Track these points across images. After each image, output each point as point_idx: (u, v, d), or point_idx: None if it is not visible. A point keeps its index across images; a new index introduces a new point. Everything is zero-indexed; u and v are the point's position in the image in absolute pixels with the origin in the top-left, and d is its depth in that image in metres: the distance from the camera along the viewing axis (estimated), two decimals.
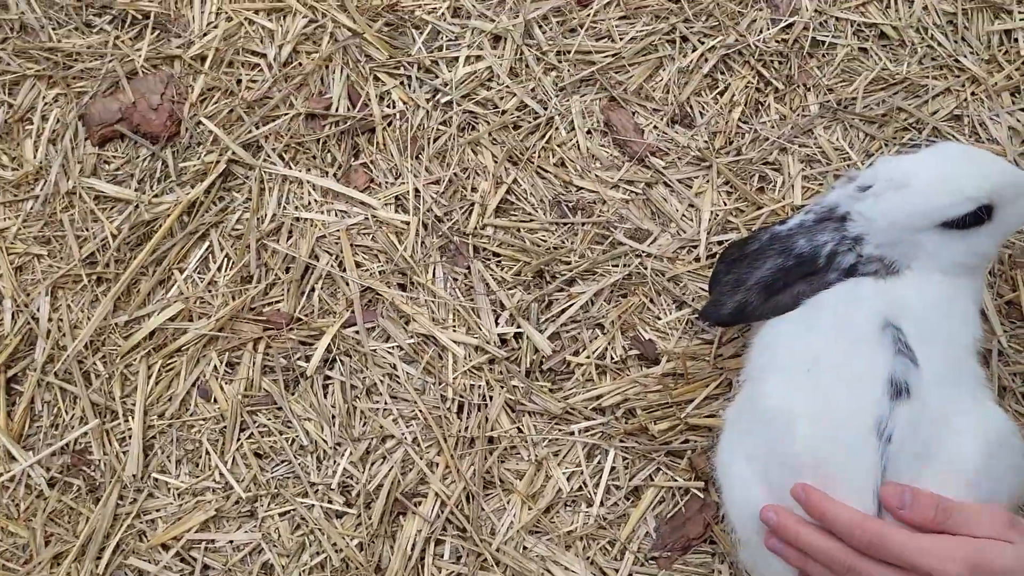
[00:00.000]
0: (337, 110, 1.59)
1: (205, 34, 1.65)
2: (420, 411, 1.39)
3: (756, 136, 1.56)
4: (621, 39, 1.63)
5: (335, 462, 1.37)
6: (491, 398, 1.39)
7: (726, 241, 1.48)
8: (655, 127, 1.58)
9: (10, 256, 1.51)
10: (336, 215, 1.53)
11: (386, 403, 1.40)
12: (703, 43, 1.62)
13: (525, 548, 1.32)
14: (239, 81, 1.63)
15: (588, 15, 1.65)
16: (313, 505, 1.36)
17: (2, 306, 1.48)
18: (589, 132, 1.58)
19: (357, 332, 1.44)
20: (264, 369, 1.44)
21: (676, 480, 1.33)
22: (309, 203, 1.54)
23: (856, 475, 0.99)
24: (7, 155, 1.59)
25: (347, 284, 1.47)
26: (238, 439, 1.39)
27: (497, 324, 1.44)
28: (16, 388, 1.44)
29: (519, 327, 1.43)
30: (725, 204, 1.51)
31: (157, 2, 1.68)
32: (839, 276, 1.10)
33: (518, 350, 1.43)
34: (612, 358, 1.42)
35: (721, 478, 1.15)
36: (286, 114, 1.59)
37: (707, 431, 1.34)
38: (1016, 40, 1.58)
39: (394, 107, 1.61)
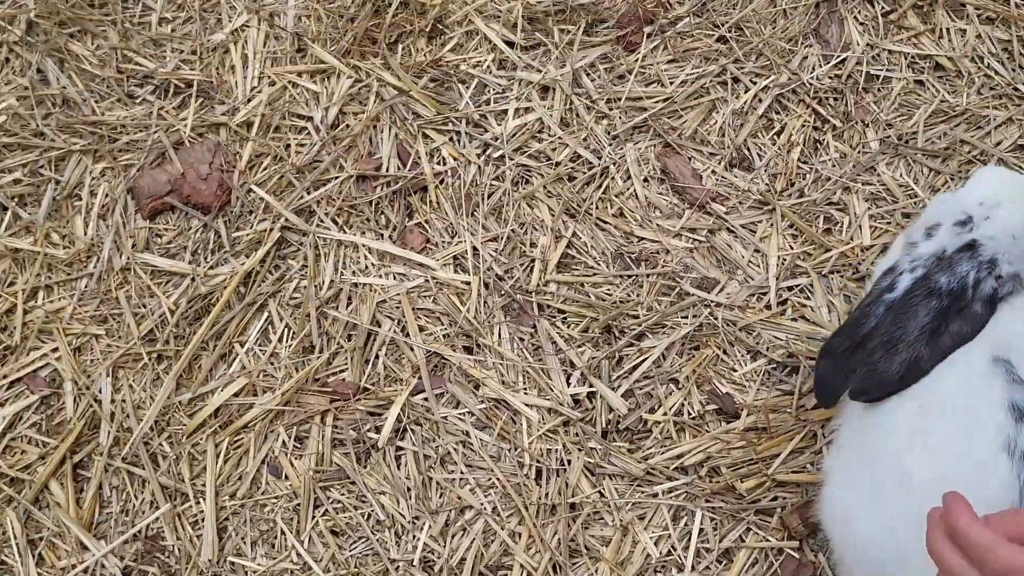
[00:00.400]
0: (388, 170, 1.57)
1: (249, 99, 1.64)
2: (497, 479, 1.36)
3: (818, 176, 1.53)
4: (671, 83, 1.61)
5: (414, 536, 1.34)
6: (569, 462, 1.36)
7: (796, 286, 1.45)
8: (713, 171, 1.55)
9: (68, 337, 1.49)
10: (395, 278, 1.51)
11: (462, 472, 1.37)
12: (755, 83, 1.60)
13: None
14: (287, 146, 1.61)
15: (636, 60, 1.63)
16: None
17: (64, 389, 1.45)
18: (646, 180, 1.56)
19: (426, 399, 1.41)
20: (334, 442, 1.41)
21: (768, 540, 1.29)
22: (366, 267, 1.52)
23: (989, 492, 0.97)
24: (58, 233, 1.57)
25: (412, 349, 1.45)
26: (313, 517, 1.36)
27: (569, 384, 1.41)
28: (83, 474, 1.41)
29: (591, 386, 1.40)
30: (792, 248, 1.48)
31: (199, 70, 1.67)
32: (984, 306, 1.08)
33: (592, 410, 1.40)
34: (690, 414, 1.39)
35: (834, 518, 1.12)
36: (336, 177, 1.57)
37: (795, 487, 1.31)
38: None
39: (445, 164, 1.58)
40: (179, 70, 1.67)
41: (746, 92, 1.59)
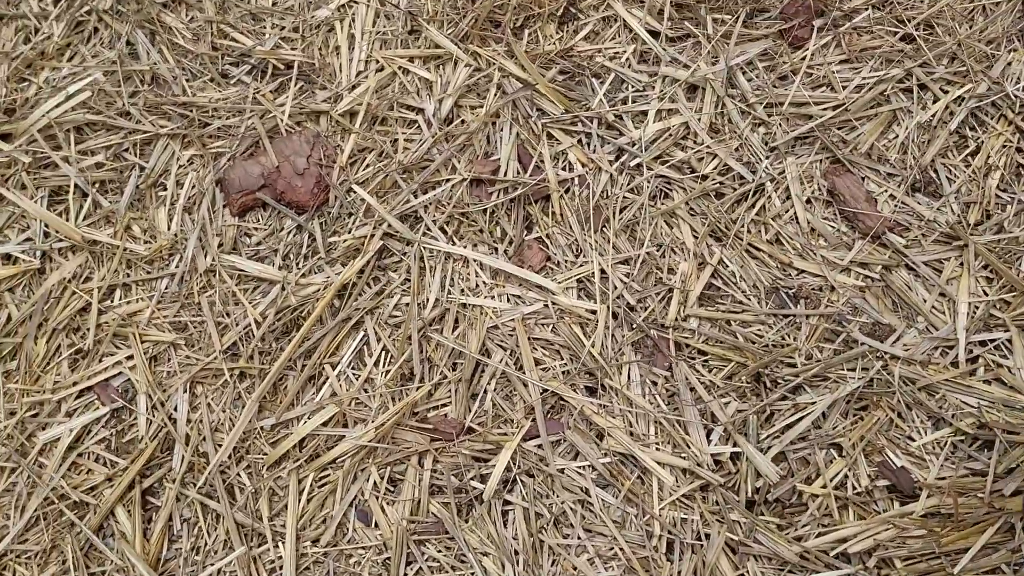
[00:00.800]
0: (506, 174, 1.37)
1: (354, 86, 1.45)
2: (621, 549, 1.15)
3: (1021, 208, 1.27)
4: (844, 88, 1.36)
5: None
6: (707, 536, 1.15)
7: (991, 341, 1.20)
8: (891, 196, 1.30)
9: (144, 344, 1.34)
10: (509, 301, 1.31)
11: (579, 537, 1.17)
12: (946, 92, 1.34)
13: None
14: (394, 141, 1.42)
15: (803, 59, 1.38)
16: None
17: (136, 403, 1.30)
18: (809, 202, 1.32)
19: (540, 447, 1.22)
20: (432, 489, 1.22)
21: None
22: (477, 286, 1.32)
23: None
24: (139, 226, 1.42)
25: (525, 386, 1.25)
26: (404, 575, 1.18)
27: (709, 441, 1.20)
28: (152, 502, 1.26)
29: (736, 445, 1.18)
30: (986, 293, 1.23)
31: (300, 50, 1.49)
32: None
33: (736, 475, 1.18)
34: (855, 488, 1.16)
35: None
36: (448, 180, 1.38)
37: None
38: None
39: (572, 170, 1.38)
40: (279, 49, 1.49)
41: (935, 103, 1.34)
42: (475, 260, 1.33)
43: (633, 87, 1.40)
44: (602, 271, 1.30)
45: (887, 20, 1.40)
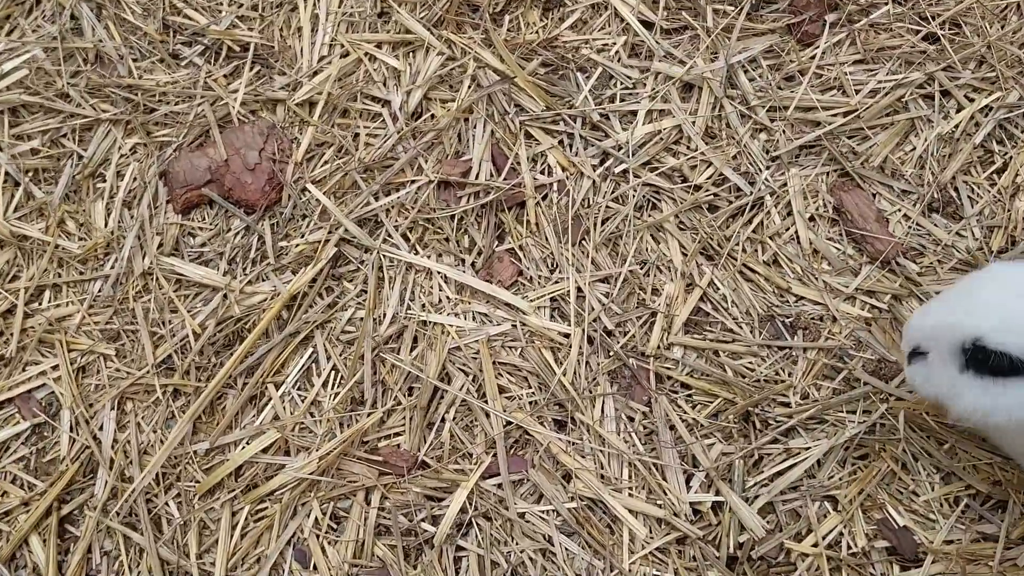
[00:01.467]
0: (478, 177, 1.24)
1: (315, 73, 1.31)
2: None
3: None
4: (857, 92, 1.22)
5: None
6: None
7: None
8: (906, 216, 1.17)
9: (72, 353, 1.21)
10: (474, 320, 1.18)
11: None
12: (972, 100, 1.20)
13: None
14: (355, 136, 1.28)
15: (812, 58, 1.24)
16: None
17: (59, 419, 1.18)
18: (812, 219, 1.18)
19: (500, 487, 1.09)
20: (378, 529, 1.10)
21: None
22: (440, 301, 1.19)
23: None
24: (75, 220, 1.29)
25: (488, 417, 1.12)
26: None
27: (689, 488, 1.07)
28: (71, 531, 1.14)
29: (719, 494, 1.06)
30: None
31: (258, 30, 1.35)
32: None
33: (717, 527, 1.05)
34: (850, 548, 1.03)
35: None
36: (413, 181, 1.24)
37: None
38: None
39: (551, 175, 1.24)
40: (235, 28, 1.36)
41: (959, 112, 1.20)
42: (439, 272, 1.20)
43: (622, 84, 1.26)
44: (579, 289, 1.17)
45: (908, 17, 1.25)
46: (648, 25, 1.28)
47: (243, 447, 1.14)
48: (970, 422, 0.87)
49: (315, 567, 1.09)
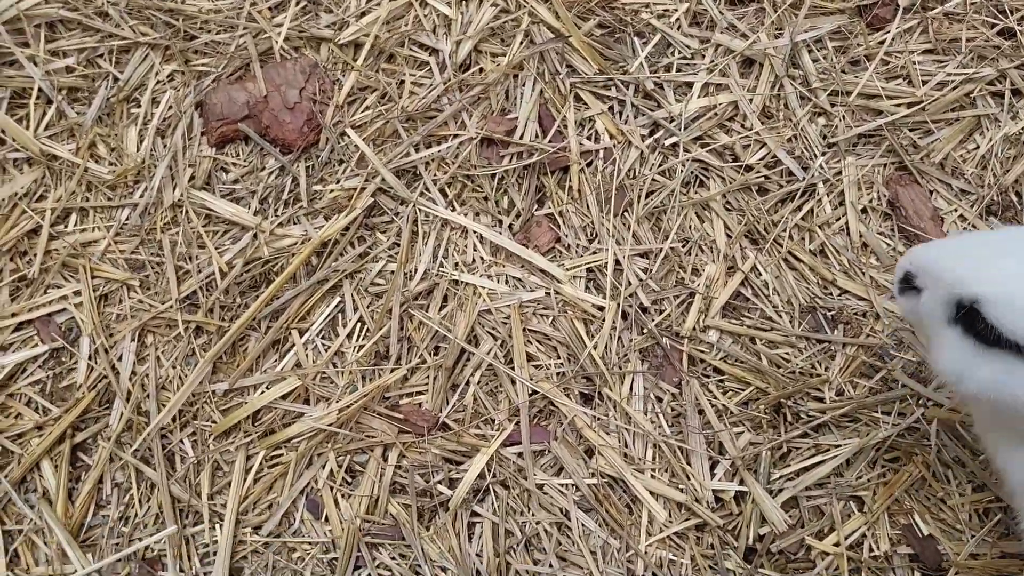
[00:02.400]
0: (522, 137, 1.20)
1: (363, 14, 1.27)
2: None
3: None
4: (924, 83, 1.17)
5: None
6: None
7: None
8: (962, 217, 1.13)
9: (95, 280, 1.19)
10: (507, 283, 1.15)
11: (551, 565, 1.03)
12: None
13: None
14: (400, 82, 1.24)
15: (880, 43, 1.19)
16: None
17: (78, 346, 1.16)
18: (865, 211, 1.14)
19: (521, 456, 1.07)
20: (393, 487, 1.08)
21: None
22: (473, 261, 1.16)
23: None
24: (106, 144, 1.25)
25: (513, 384, 1.10)
26: None
27: (713, 475, 1.05)
28: (83, 459, 1.13)
29: (743, 483, 1.03)
30: None
31: None
32: None
33: (738, 517, 1.03)
34: (872, 551, 1.01)
35: None
36: (456, 135, 1.21)
37: None
38: None
39: (598, 141, 1.20)
40: None
41: None
42: (475, 232, 1.17)
43: (680, 53, 1.22)
44: (617, 262, 1.14)
45: (985, 9, 1.20)
46: None
47: (262, 392, 1.13)
48: (943, 380, 0.81)
49: (327, 519, 1.08)
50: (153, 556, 1.08)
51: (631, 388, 1.09)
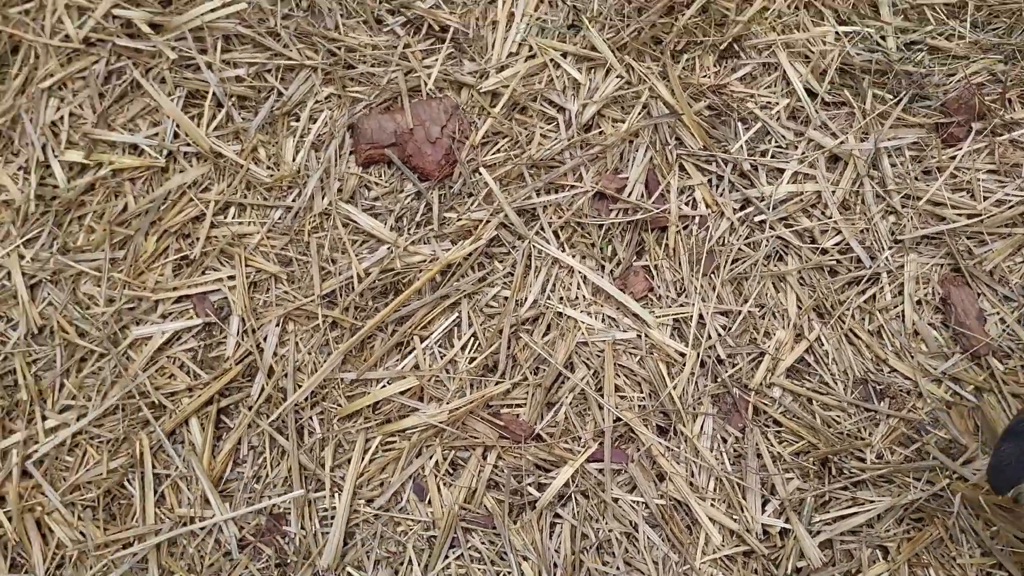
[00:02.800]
0: (631, 195, 1.38)
1: (503, 67, 1.45)
2: None
3: None
4: (986, 198, 1.35)
5: None
6: None
7: None
8: (1002, 319, 1.30)
9: (247, 268, 1.37)
10: (604, 321, 1.33)
11: (618, 568, 1.21)
12: None
13: None
14: (530, 133, 1.43)
15: (952, 159, 1.37)
16: None
17: (228, 323, 1.35)
18: (919, 303, 1.32)
19: (601, 471, 1.25)
20: (490, 483, 1.27)
21: None
22: (577, 298, 1.35)
23: None
24: (266, 149, 1.44)
25: (601, 409, 1.28)
26: (446, 557, 1.24)
27: (764, 510, 1.23)
28: (225, 422, 1.31)
29: (788, 522, 1.22)
30: None
31: (458, 15, 1.48)
32: None
33: (781, 549, 1.21)
34: None
35: None
36: (573, 187, 1.39)
37: None
38: None
39: (695, 208, 1.38)
40: (438, 9, 1.49)
41: None
42: (580, 272, 1.35)
43: (776, 142, 1.40)
44: (700, 316, 1.32)
45: None
46: (812, 94, 1.41)
47: (383, 385, 1.31)
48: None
49: (430, 502, 1.26)
50: (279, 512, 1.27)
51: (701, 427, 1.27)
